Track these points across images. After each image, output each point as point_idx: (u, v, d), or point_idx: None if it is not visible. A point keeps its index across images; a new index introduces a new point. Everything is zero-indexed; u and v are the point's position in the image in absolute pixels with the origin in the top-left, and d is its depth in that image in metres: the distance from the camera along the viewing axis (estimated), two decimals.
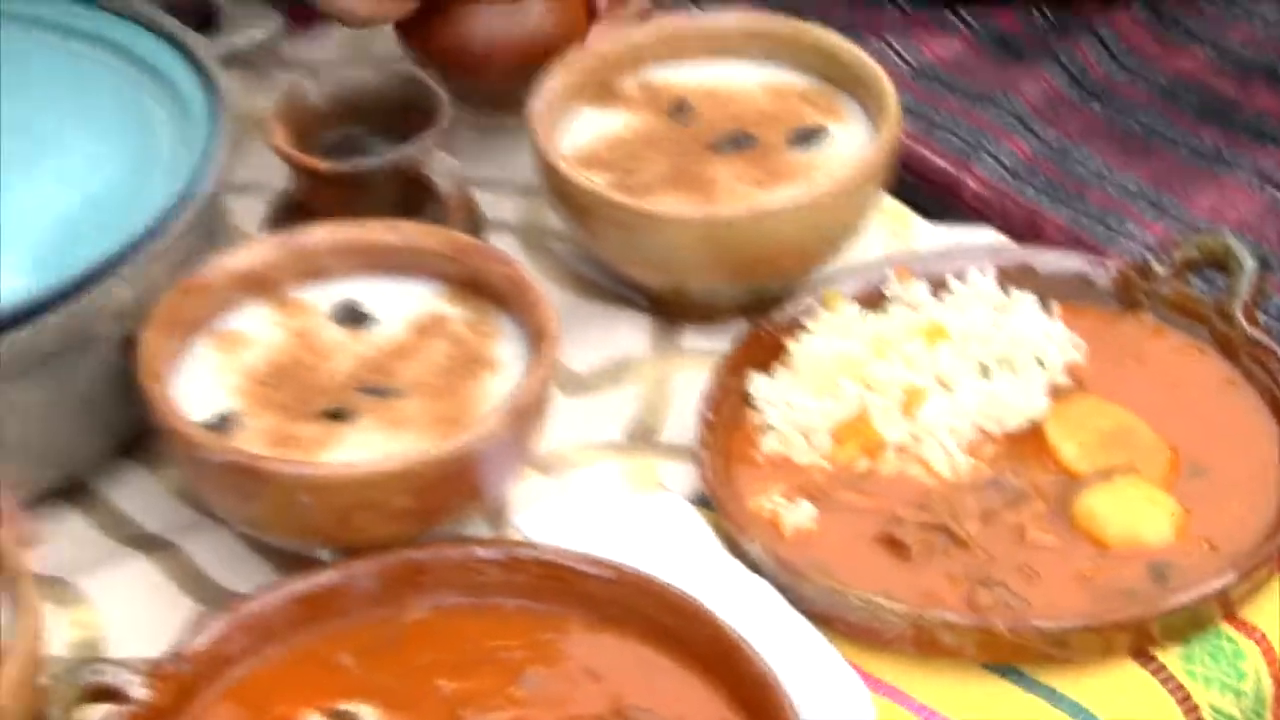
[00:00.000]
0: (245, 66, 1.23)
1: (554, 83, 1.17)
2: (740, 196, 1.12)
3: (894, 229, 1.21)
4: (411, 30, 1.26)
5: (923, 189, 1.33)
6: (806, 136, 1.15)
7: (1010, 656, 0.96)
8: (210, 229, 1.09)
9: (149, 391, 0.98)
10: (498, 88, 1.24)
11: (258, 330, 1.04)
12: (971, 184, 1.33)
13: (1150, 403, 1.07)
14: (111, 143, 1.10)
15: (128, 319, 1.02)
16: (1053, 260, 1.14)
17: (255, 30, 1.20)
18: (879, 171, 1.13)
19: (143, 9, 1.19)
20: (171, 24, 1.17)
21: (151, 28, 1.18)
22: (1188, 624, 0.98)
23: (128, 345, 1.01)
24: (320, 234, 1.07)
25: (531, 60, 1.21)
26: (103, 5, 1.20)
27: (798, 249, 1.11)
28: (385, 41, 1.29)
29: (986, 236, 1.21)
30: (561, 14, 1.25)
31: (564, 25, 1.24)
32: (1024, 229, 1.27)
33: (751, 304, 1.13)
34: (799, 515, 1.02)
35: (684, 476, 1.05)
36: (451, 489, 0.97)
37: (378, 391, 1.00)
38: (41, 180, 1.07)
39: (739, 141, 1.15)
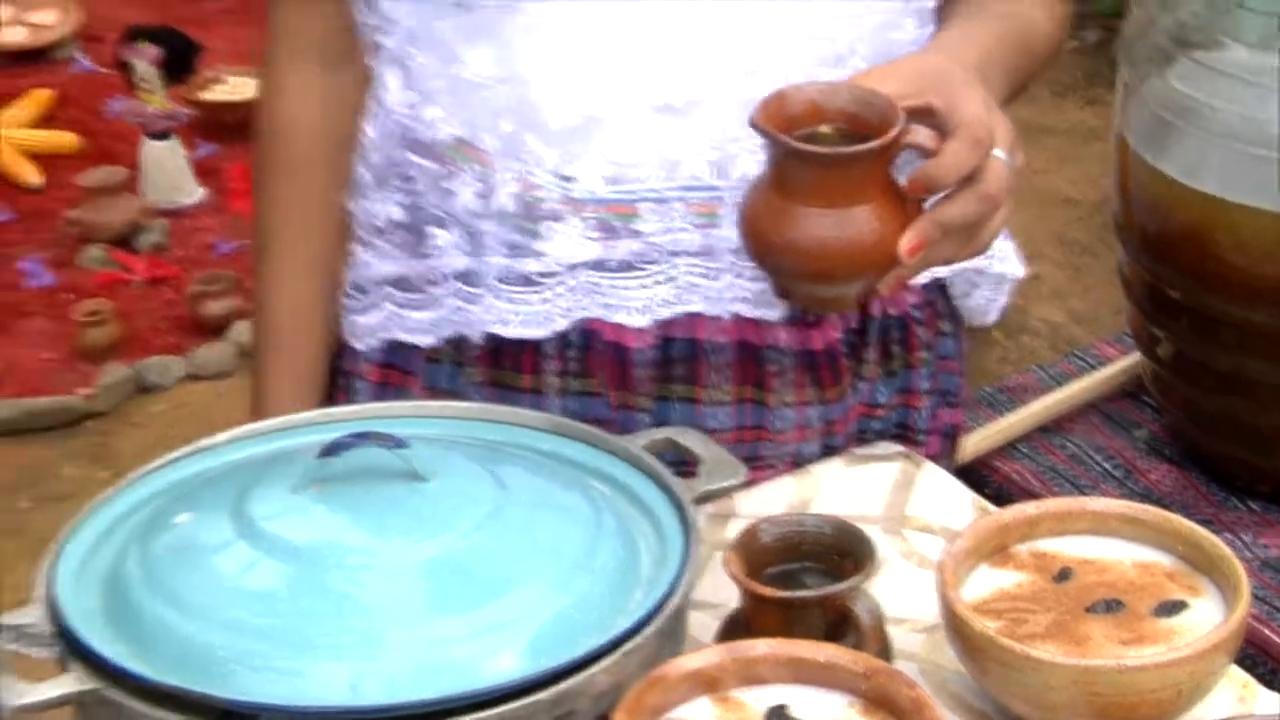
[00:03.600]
0: (713, 504, 1.36)
1: (961, 543, 1.28)
2: (1109, 652, 1.20)
3: (1239, 694, 1.28)
4: (754, 231, 1.28)
5: (1264, 662, 1.40)
6: (1169, 608, 1.23)
7: None
8: (674, 634, 1.21)
9: None
10: (827, 288, 1.29)
11: None
12: None
13: None
14: (604, 557, 1.22)
15: (604, 701, 1.14)
16: None
17: (725, 480, 1.33)
18: (1229, 643, 1.19)
19: (638, 455, 1.35)
20: (658, 467, 1.33)
21: (641, 468, 1.34)
22: None
23: None
24: (761, 648, 1.18)
25: (857, 263, 1.25)
26: (614, 453, 1.35)
27: (1155, 701, 1.18)
28: (822, 500, 1.40)
29: None
30: (886, 219, 1.26)
31: (888, 229, 1.26)
32: None
33: None
34: None
35: None
36: None
37: None
38: (547, 584, 1.19)
39: (1111, 606, 1.24)
